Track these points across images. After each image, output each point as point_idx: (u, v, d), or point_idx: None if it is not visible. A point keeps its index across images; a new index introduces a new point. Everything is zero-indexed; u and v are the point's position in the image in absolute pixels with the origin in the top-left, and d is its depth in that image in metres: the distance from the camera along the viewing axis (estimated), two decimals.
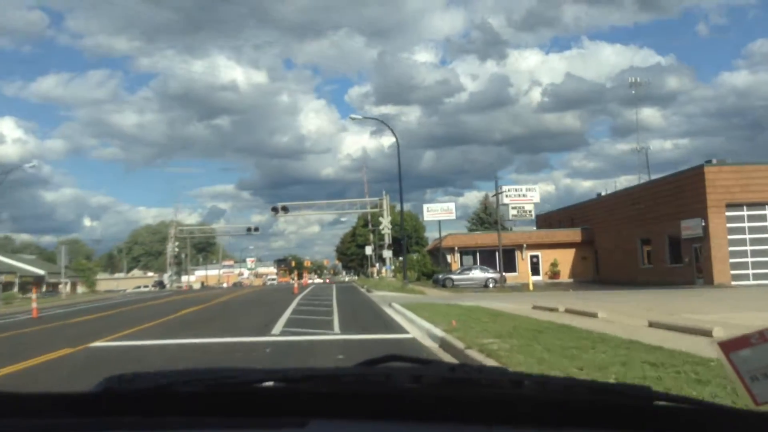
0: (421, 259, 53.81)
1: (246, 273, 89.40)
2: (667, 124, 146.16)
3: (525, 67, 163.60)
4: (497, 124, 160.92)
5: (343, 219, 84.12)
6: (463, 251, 47.96)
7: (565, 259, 46.95)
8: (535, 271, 45.80)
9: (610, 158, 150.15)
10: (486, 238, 47.63)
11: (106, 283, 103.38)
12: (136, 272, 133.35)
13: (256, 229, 68.48)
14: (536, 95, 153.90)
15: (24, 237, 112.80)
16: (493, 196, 47.86)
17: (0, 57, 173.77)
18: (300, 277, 67.04)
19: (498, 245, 42.99)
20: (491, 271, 41.07)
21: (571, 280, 45.42)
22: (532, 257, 46.93)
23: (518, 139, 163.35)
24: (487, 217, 77.63)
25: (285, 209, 50.43)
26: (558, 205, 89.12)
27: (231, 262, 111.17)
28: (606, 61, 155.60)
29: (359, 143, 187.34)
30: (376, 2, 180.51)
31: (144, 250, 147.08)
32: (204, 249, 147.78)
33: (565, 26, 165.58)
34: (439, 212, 50.74)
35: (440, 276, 40.70)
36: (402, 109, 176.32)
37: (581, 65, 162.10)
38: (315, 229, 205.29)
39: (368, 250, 54.67)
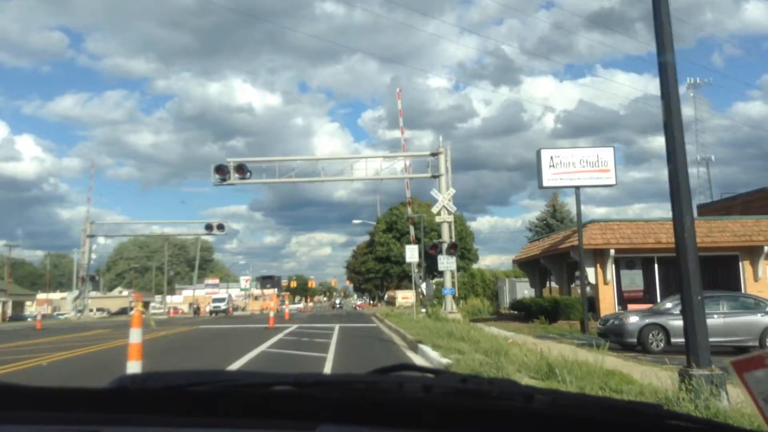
0: (478, 277, 41.72)
1: (228, 294, 61.03)
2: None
3: (538, 94, 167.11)
4: (510, 150, 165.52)
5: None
6: (626, 258, 19.90)
7: None
8: None
9: (623, 186, 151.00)
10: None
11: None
12: (117, 291, 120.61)
13: (220, 227, 49.74)
14: (549, 121, 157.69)
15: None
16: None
17: (20, 76, 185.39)
18: (295, 300, 44.71)
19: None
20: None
21: None
22: None
23: (531, 165, 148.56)
24: (558, 224, 60.76)
25: (242, 169, 21.24)
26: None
27: (216, 280, 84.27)
28: (620, 88, 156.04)
29: (372, 166, 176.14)
30: (390, 29, 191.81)
31: (129, 265, 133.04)
32: (200, 266, 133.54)
33: (578, 54, 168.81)
34: None
35: (632, 320, 16.45)
36: (415, 134, 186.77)
37: (595, 92, 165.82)
38: (327, 250, 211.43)
39: (411, 254, 26.03)
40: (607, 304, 23.24)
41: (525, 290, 43.64)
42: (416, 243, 31.26)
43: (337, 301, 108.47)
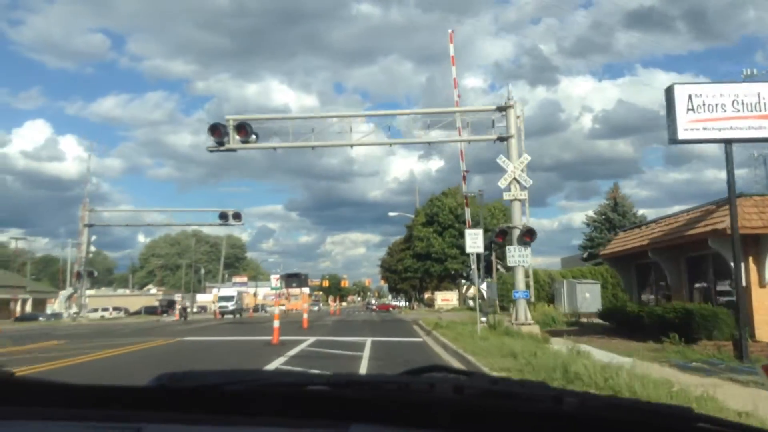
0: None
1: (237, 293, 54.54)
2: (722, 153, 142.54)
3: (576, 93, 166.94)
4: (547, 150, 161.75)
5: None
6: None
7: None
8: None
9: (663, 187, 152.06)
10: None
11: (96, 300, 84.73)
12: (150, 288, 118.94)
13: (237, 216, 41.72)
14: (587, 121, 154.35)
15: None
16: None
17: (63, 78, 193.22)
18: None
19: None
20: None
21: None
22: None
23: (568, 166, 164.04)
24: (619, 218, 55.39)
25: (244, 130, 12.27)
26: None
27: (243, 278, 78.29)
28: (660, 88, 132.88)
29: (406, 167, 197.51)
30: (425, 29, 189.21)
31: (159, 263, 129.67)
32: (231, 265, 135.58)
33: (617, 53, 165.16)
34: None
35: None
36: (450, 134, 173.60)
37: (634, 92, 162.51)
38: (361, 250, 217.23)
39: (473, 241, 18.14)
40: (766, 315, 15.67)
41: (586, 293, 36.74)
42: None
43: (372, 302, 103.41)
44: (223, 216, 40.77)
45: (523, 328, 18.61)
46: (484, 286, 22.02)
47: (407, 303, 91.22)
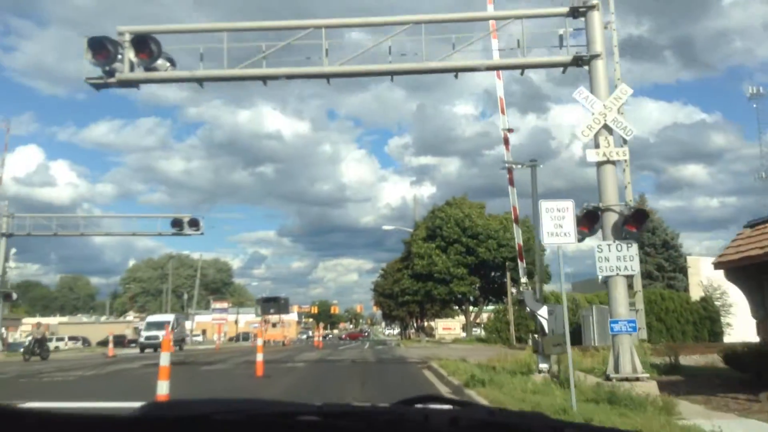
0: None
1: (174, 317, 44.41)
2: (713, 182, 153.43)
3: (566, 121, 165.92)
4: (538, 177, 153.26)
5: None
6: None
7: None
8: None
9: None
10: None
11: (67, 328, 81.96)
12: (127, 315, 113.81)
13: (193, 224, 33.68)
14: (578, 149, 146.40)
15: None
16: None
17: (56, 104, 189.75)
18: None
19: None
20: None
21: None
22: None
23: (560, 193, 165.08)
24: (648, 236, 46.26)
25: (147, 49, 1.63)
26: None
27: (224, 304, 70.96)
28: (649, 116, 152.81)
29: (399, 193, 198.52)
30: (417, 58, 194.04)
31: (142, 288, 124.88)
32: (218, 290, 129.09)
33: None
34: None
35: None
36: (441, 161, 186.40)
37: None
38: (353, 276, 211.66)
39: (560, 229, 9.76)
40: None
41: None
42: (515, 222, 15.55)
43: (365, 328, 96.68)
44: (177, 223, 32.05)
45: (634, 387, 10.08)
46: (543, 311, 13.40)
47: (401, 332, 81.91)
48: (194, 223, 32.04)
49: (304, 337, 78.89)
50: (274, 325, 50.82)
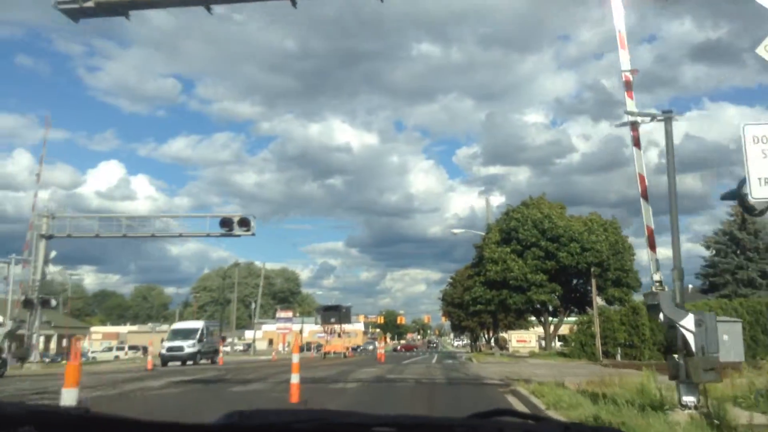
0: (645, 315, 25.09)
1: (203, 325, 40.69)
2: None
3: (641, 128, 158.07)
4: (612, 186, 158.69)
5: None
6: None
7: None
8: None
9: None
10: None
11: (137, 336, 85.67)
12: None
13: (243, 224, 30.79)
14: (653, 156, 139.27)
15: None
16: None
17: (137, 121, 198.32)
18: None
19: None
20: None
21: None
22: None
23: (635, 202, 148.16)
24: (750, 239, 42.96)
25: None
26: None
27: (288, 314, 73.92)
28: (729, 121, 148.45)
29: (467, 203, 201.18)
30: (486, 67, 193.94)
31: (211, 297, 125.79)
32: (285, 299, 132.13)
33: (684, 87, 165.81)
34: None
35: None
36: (510, 170, 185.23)
37: (702, 126, 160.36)
38: (421, 287, 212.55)
39: None
40: None
41: (723, 335, 23.91)
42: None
43: (433, 338, 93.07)
44: (226, 223, 29.26)
45: None
46: (688, 322, 9.15)
47: (471, 344, 77.23)
48: (245, 223, 29.15)
49: (370, 347, 75.80)
50: (339, 335, 47.50)
